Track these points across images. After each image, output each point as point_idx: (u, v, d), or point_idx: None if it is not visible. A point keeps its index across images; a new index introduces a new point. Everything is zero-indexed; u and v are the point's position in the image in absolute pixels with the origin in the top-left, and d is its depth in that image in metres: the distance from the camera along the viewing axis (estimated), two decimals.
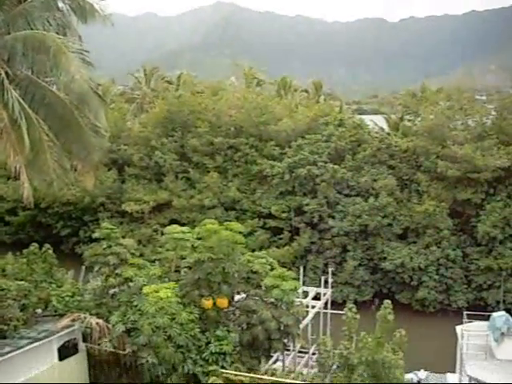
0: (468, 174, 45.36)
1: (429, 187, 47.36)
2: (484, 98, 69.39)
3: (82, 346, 22.80)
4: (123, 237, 24.90)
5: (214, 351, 20.55)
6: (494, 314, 26.02)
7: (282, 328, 21.01)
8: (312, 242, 48.33)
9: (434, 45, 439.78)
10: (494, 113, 51.49)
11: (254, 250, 24.39)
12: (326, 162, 48.62)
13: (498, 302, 42.40)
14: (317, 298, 27.73)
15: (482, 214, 45.43)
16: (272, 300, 21.48)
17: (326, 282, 27.94)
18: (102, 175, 52.78)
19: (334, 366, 21.21)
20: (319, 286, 28.30)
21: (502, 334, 24.65)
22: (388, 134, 53.27)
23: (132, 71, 78.27)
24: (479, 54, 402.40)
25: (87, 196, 53.92)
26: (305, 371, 25.37)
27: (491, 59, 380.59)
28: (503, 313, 26.05)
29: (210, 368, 20.41)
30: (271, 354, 23.33)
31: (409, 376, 27.64)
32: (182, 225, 24.88)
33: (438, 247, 45.47)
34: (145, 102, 67.59)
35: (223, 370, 20.35)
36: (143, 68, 75.40)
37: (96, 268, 23.44)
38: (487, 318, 26.15)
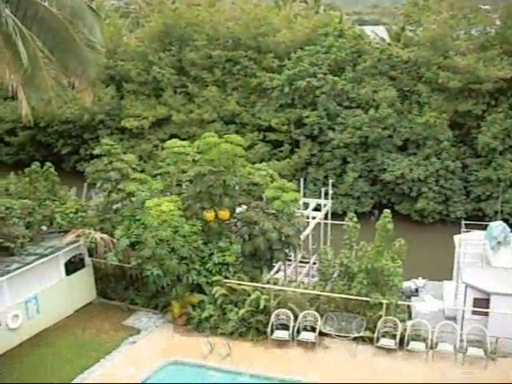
0: (470, 84, 44.75)
1: (430, 98, 46.83)
2: (488, 7, 67.29)
3: (88, 260, 23.31)
4: (124, 153, 24.90)
5: (217, 262, 21.04)
6: (492, 224, 26.31)
7: (283, 239, 21.39)
8: (312, 155, 48.34)
9: None
10: (498, 22, 50.23)
11: (254, 163, 24.44)
12: (325, 74, 47.86)
13: (495, 213, 42.88)
14: (317, 209, 28.03)
15: (482, 126, 45.16)
16: (273, 211, 21.76)
17: (326, 193, 28.15)
18: (99, 92, 52.09)
19: (335, 275, 21.76)
20: (319, 198, 28.56)
21: (499, 242, 24.98)
22: (389, 44, 52.14)
23: None
24: None
25: (86, 113, 53.44)
26: (306, 280, 26.03)
27: None
28: (500, 222, 26.31)
29: (214, 278, 20.97)
30: (273, 264, 23.86)
31: (407, 284, 28.28)
32: (182, 140, 24.83)
33: (438, 158, 45.49)
34: (140, 16, 65.83)
35: (226, 280, 20.92)
36: None
37: (98, 184, 23.61)
38: (485, 228, 26.45)
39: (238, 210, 23.10)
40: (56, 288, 21.85)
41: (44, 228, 23.38)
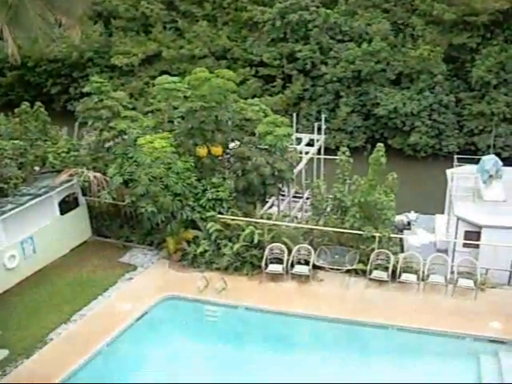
0: (465, 17, 44.14)
1: (424, 31, 46.25)
2: None
3: (81, 199, 23.29)
4: (114, 91, 24.53)
5: (210, 198, 21.08)
6: (484, 157, 26.38)
7: (276, 173, 21.39)
8: (305, 90, 47.99)
9: None
10: None
11: (246, 99, 24.19)
12: (318, 7, 47.08)
13: (488, 147, 42.98)
14: (310, 144, 27.96)
15: (477, 59, 44.77)
16: (266, 146, 21.70)
17: (319, 128, 28.00)
18: (87, 29, 51.13)
19: (328, 209, 21.86)
20: (312, 133, 28.45)
21: (491, 176, 25.12)
22: None
23: None
24: None
25: (75, 52, 52.55)
26: (299, 215, 26.23)
27: None
28: (492, 156, 26.39)
29: (208, 214, 21.05)
30: (266, 200, 23.96)
31: (399, 217, 28.55)
32: (173, 76, 24.45)
33: (432, 92, 45.24)
34: None
35: (220, 216, 21.02)
36: None
37: (89, 123, 23.35)
38: (477, 162, 26.54)
39: (231, 145, 23.01)
40: (51, 228, 21.91)
41: (37, 168, 23.30)
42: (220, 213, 21.07)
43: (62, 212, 22.46)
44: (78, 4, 20.34)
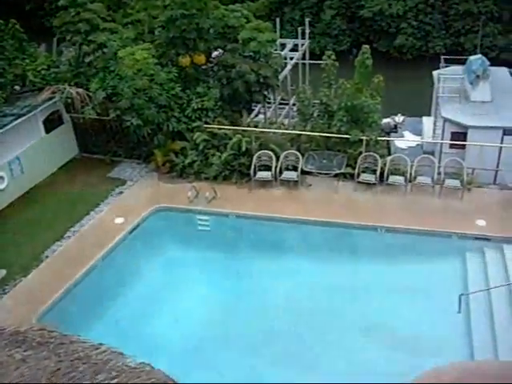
0: None
1: None
2: None
3: (66, 116, 23.02)
4: (91, 2, 23.75)
5: (195, 108, 20.90)
6: (471, 58, 26.11)
7: (261, 80, 21.14)
8: None
9: None
10: None
11: (227, 5, 23.53)
12: None
13: (475, 47, 42.26)
14: (295, 49, 27.51)
15: None
16: (250, 53, 21.34)
17: (303, 33, 27.48)
18: None
19: (314, 114, 21.77)
20: (296, 38, 27.92)
21: (477, 76, 24.93)
22: None
23: None
24: None
25: None
26: (286, 121, 26.13)
27: None
28: (479, 56, 26.11)
29: (194, 124, 20.95)
30: (252, 107, 23.81)
31: (386, 120, 28.50)
32: None
33: None
34: None
35: (207, 125, 20.92)
36: None
37: (67, 38, 22.77)
38: (464, 63, 26.30)
39: (214, 53, 22.61)
40: (37, 147, 21.76)
41: (17, 88, 22.81)
42: (206, 122, 20.96)
43: (47, 130, 22.26)
44: None
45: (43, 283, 16.58)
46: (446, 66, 27.68)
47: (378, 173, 19.62)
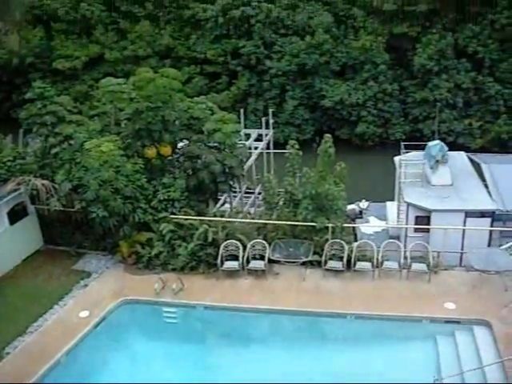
0: (404, 6, 44.94)
1: (365, 22, 46.93)
2: None
3: (31, 208, 22.79)
4: (58, 95, 24.07)
5: (162, 199, 20.94)
6: (430, 143, 27.01)
7: (226, 170, 21.43)
8: (251, 85, 48.06)
9: None
10: None
11: (192, 97, 24.08)
12: (260, 2, 47.17)
13: (433, 133, 43.74)
14: (259, 139, 28.07)
15: (417, 47, 45.64)
16: (215, 144, 21.68)
17: (267, 123, 28.15)
18: (27, 34, 50.04)
19: (280, 203, 21.99)
20: (261, 128, 28.55)
21: (437, 161, 25.74)
22: None
23: None
24: None
25: (15, 57, 51.27)
26: (252, 210, 26.31)
27: None
28: (438, 141, 27.04)
29: (160, 215, 20.91)
30: (218, 197, 23.95)
31: (351, 206, 28.95)
32: (117, 78, 24.15)
33: (376, 82, 45.93)
34: None
35: (173, 216, 20.89)
36: None
37: (34, 129, 22.87)
38: (423, 148, 27.13)
39: (180, 144, 22.90)
40: (1, 238, 21.40)
41: None
42: (172, 213, 20.95)
43: (12, 222, 21.97)
44: (16, 9, 19.87)
45: (4, 382, 15.90)
46: (407, 152, 28.49)
47: (345, 259, 19.68)
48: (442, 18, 46.34)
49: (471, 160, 28.21)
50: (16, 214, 22.16)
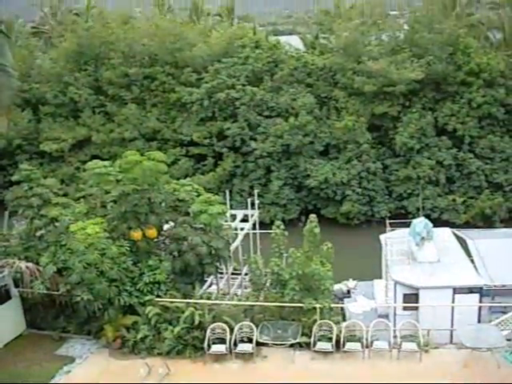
0: (384, 87, 46.15)
1: (347, 103, 48.03)
2: (396, 12, 69.94)
3: (14, 291, 22.48)
4: (44, 177, 24.26)
5: (147, 281, 20.77)
6: (414, 221, 27.17)
7: (212, 252, 21.37)
8: (236, 166, 48.53)
9: None
10: (406, 27, 52.17)
11: (178, 179, 24.35)
12: (244, 85, 48.27)
13: (417, 209, 44.15)
14: (245, 220, 28.16)
15: (399, 126, 46.63)
16: (201, 225, 21.72)
17: (253, 203, 28.32)
18: (15, 116, 50.55)
19: (267, 284, 21.88)
20: (246, 209, 28.70)
21: (422, 238, 25.83)
22: (304, 52, 53.24)
23: (37, 4, 73.79)
24: None
25: (2, 139, 51.61)
26: (239, 292, 26.09)
27: None
28: (422, 218, 27.22)
29: (146, 298, 20.69)
30: (205, 279, 23.78)
31: (338, 286, 28.79)
32: (104, 160, 24.41)
33: (359, 161, 46.60)
34: (53, 36, 64.43)
35: (159, 299, 20.68)
36: (49, 1, 71.24)
37: (19, 212, 22.89)
38: (409, 225, 27.28)
39: (166, 226, 22.92)
40: None
41: None
42: (158, 296, 20.74)
43: None
44: (5, 93, 20.22)
45: None
46: (392, 230, 28.60)
47: (334, 340, 19.43)
48: (421, 97, 47.69)
49: (456, 236, 28.35)
50: None
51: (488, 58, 47.43)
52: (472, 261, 25.71)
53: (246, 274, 26.74)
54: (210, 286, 25.19)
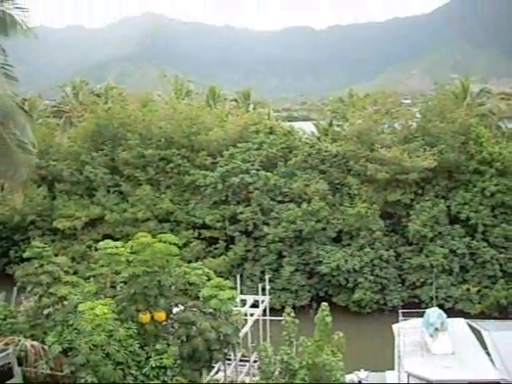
0: (397, 175, 46.58)
1: (360, 190, 48.37)
2: (409, 101, 71.58)
3: (17, 370, 22.00)
4: (56, 255, 24.31)
5: (154, 366, 20.28)
6: (428, 311, 26.76)
7: (221, 338, 20.96)
8: (248, 250, 48.44)
9: (359, 51, 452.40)
10: (418, 115, 53.15)
11: (189, 261, 24.30)
12: (258, 170, 48.94)
13: (431, 298, 43.56)
14: (255, 305, 27.82)
15: (412, 214, 46.71)
16: (210, 310, 21.43)
17: (264, 289, 28.09)
18: (31, 192, 51.36)
19: (276, 372, 21.34)
20: (257, 294, 28.42)
21: (436, 329, 25.34)
22: (318, 139, 54.14)
23: (60, 85, 76.39)
24: (403, 58, 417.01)
25: (17, 215, 52.31)
26: (247, 380, 25.44)
27: (414, 64, 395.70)
28: (436, 308, 26.83)
29: (151, 383, 20.17)
30: (212, 365, 23.22)
31: (349, 377, 28.01)
32: (116, 239, 24.48)
33: (372, 248, 46.40)
34: (73, 116, 66.18)
35: None
36: (71, 81, 73.77)
37: (28, 288, 22.78)
38: (422, 315, 26.85)
39: (175, 310, 22.63)
40: None
41: None
42: (164, 381, 20.20)
43: None
44: (23, 169, 20.55)
45: None
46: (405, 319, 28.13)
47: None
48: (434, 185, 48.01)
49: (471, 327, 27.78)
50: (1, 376, 21.36)
51: (500, 147, 48.10)
52: (488, 353, 25.06)
53: (254, 362, 26.13)
54: (217, 372, 24.58)
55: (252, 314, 26.79)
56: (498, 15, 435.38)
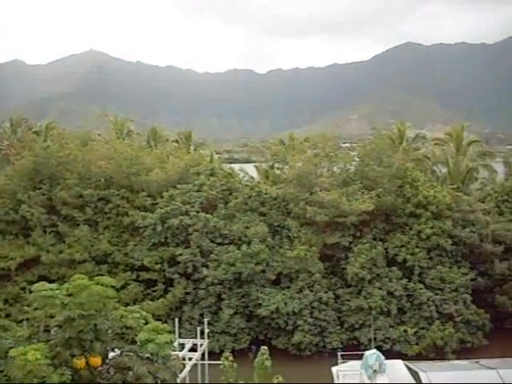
0: (336, 218, 47.25)
1: (299, 232, 48.79)
2: (348, 145, 73.35)
3: None
4: None
5: None
6: (366, 353, 26.97)
7: (158, 383, 20.54)
8: (187, 293, 47.83)
9: (300, 95, 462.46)
10: (357, 159, 54.40)
11: (127, 304, 23.79)
12: (198, 212, 48.75)
13: (369, 340, 43.92)
14: (194, 349, 27.45)
15: (350, 256, 47.33)
16: (147, 355, 20.98)
17: (203, 332, 27.80)
18: None
19: None
20: (196, 337, 28.07)
21: (375, 371, 25.54)
22: (258, 182, 54.63)
23: None
24: (342, 103, 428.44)
25: None
26: None
27: (353, 109, 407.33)
28: (374, 351, 27.07)
29: None
30: None
31: None
32: (52, 281, 23.92)
33: (311, 291, 46.59)
34: (11, 153, 64.83)
35: None
36: (10, 118, 72.41)
37: None
38: (361, 357, 27.02)
39: (111, 354, 22.03)
40: None
41: None
42: None
43: None
44: None
45: None
46: (344, 362, 28.25)
47: None
48: (371, 228, 48.92)
49: (409, 368, 28.08)
50: None
51: (435, 191, 49.59)
52: None
53: None
54: None
55: (190, 358, 26.43)
56: (432, 64, 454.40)
